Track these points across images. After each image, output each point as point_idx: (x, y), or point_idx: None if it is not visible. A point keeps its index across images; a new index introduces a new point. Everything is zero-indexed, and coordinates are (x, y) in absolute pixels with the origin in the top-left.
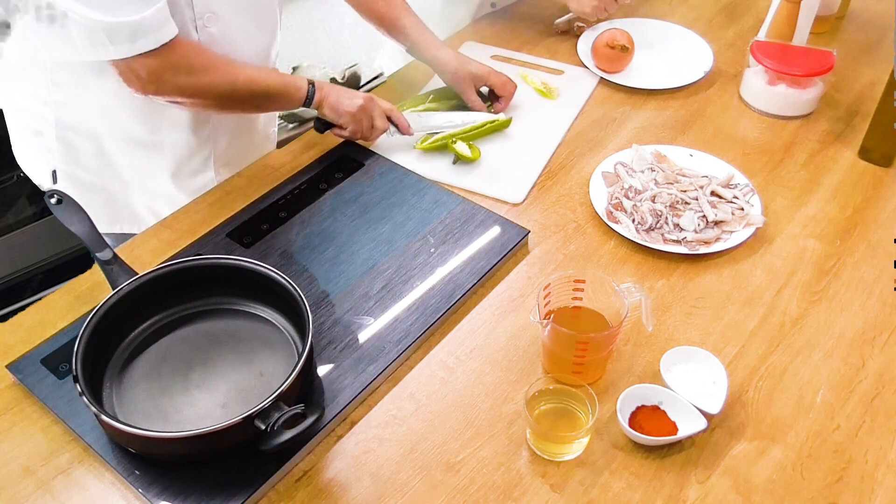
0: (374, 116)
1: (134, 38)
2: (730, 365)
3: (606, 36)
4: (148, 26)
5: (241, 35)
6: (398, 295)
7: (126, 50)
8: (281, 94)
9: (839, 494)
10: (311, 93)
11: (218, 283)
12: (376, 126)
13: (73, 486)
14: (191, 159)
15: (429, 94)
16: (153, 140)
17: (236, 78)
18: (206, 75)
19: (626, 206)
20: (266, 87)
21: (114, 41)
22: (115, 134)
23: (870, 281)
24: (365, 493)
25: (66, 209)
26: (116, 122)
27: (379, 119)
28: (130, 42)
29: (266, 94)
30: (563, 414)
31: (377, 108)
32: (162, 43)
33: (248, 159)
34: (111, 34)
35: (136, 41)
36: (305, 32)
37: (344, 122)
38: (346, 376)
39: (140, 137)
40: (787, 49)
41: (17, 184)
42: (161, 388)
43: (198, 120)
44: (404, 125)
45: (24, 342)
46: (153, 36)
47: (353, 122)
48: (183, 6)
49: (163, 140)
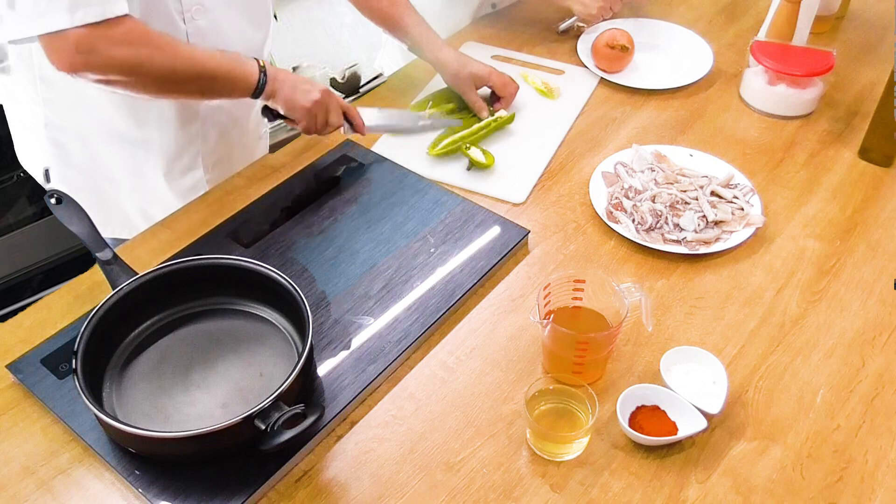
0: (329, 111)
1: (74, 7)
2: (730, 365)
3: (606, 36)
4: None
5: (232, 29)
6: (398, 295)
7: (65, 20)
8: (227, 78)
9: (839, 494)
10: (262, 82)
11: (218, 283)
12: (330, 122)
13: (73, 486)
14: (179, 157)
15: (428, 98)
16: (141, 137)
17: (176, 55)
18: (142, 49)
19: (626, 206)
20: (211, 70)
21: (52, 9)
22: (102, 131)
23: (870, 281)
24: (365, 493)
25: (66, 209)
26: (103, 118)
27: (334, 115)
28: (70, 12)
29: (211, 77)
30: (563, 414)
31: (333, 103)
32: (106, 17)
33: (238, 158)
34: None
35: (76, 11)
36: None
37: (297, 116)
38: (346, 376)
39: (127, 134)
40: (787, 49)
41: (17, 184)
42: (161, 388)
43: (185, 116)
44: (359, 123)
45: (24, 342)
46: (97, 9)
47: (307, 118)
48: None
49: (150, 136)
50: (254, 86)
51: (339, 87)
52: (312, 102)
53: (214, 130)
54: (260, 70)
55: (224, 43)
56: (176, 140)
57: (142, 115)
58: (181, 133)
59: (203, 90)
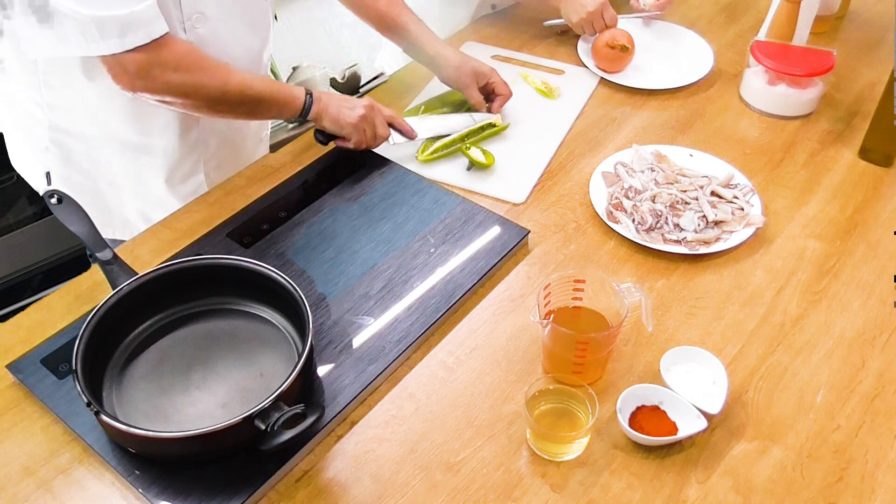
0: (376, 125)
1: (124, 32)
2: (730, 365)
3: (606, 36)
4: (137, 21)
5: (231, 37)
6: (398, 295)
7: (116, 45)
8: (274, 101)
9: (839, 494)
10: (309, 104)
11: (218, 283)
12: (379, 134)
13: (73, 486)
14: (181, 162)
15: (420, 106)
16: (144, 143)
17: (228, 80)
18: (196, 74)
19: (626, 206)
20: (258, 94)
21: (104, 36)
22: (106, 136)
23: (870, 281)
24: (365, 493)
25: (66, 209)
26: (107, 124)
27: (381, 127)
28: (120, 37)
29: (258, 101)
30: (563, 414)
31: (379, 116)
32: (152, 38)
33: (239, 163)
34: (101, 29)
35: (126, 36)
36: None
37: (346, 133)
38: (346, 376)
39: (131, 140)
40: (787, 49)
41: (17, 184)
42: (161, 388)
43: (186, 123)
44: (408, 130)
45: (24, 342)
46: (143, 31)
47: (356, 133)
48: (170, 6)
49: (153, 143)
50: (300, 108)
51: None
52: (358, 118)
53: (215, 136)
54: (306, 93)
55: (225, 50)
56: (178, 147)
57: (145, 122)
58: (183, 140)
59: (252, 112)
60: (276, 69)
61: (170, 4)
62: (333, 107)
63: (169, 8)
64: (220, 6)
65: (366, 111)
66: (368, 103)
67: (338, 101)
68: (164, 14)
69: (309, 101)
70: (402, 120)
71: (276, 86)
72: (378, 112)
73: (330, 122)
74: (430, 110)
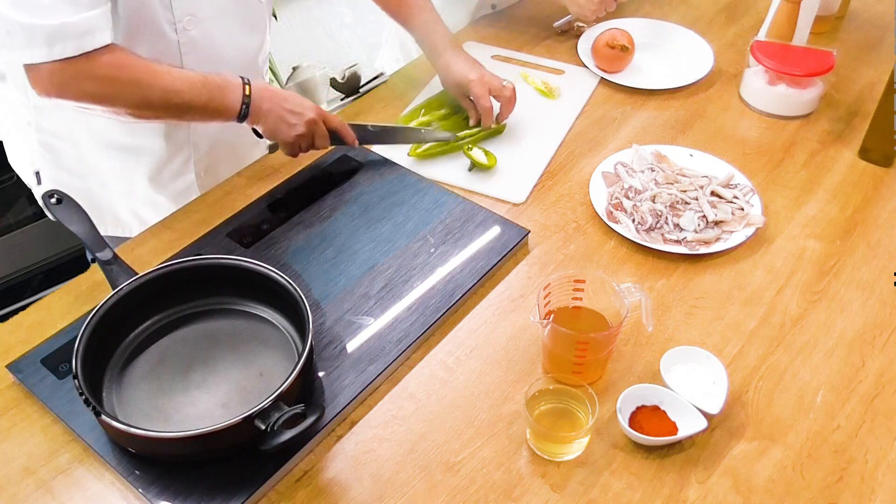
0: (314, 140)
1: (52, 42)
2: (730, 365)
3: (606, 36)
4: (71, 32)
5: (225, 38)
6: (398, 295)
7: (43, 54)
8: (206, 110)
9: (839, 494)
10: (244, 113)
11: (218, 283)
12: (315, 146)
13: (73, 486)
14: (169, 162)
15: (420, 107)
16: (130, 143)
17: (151, 90)
18: (115, 84)
19: (626, 206)
20: (187, 102)
21: (31, 44)
22: (92, 137)
23: (870, 281)
24: (365, 493)
25: (66, 209)
26: (93, 125)
27: (320, 140)
28: (48, 46)
29: (187, 109)
30: (563, 414)
31: (320, 130)
32: (83, 51)
33: (234, 163)
34: (29, 36)
35: (54, 46)
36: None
37: (280, 145)
38: (346, 376)
39: (117, 141)
40: (787, 49)
41: (17, 184)
42: (161, 388)
43: (172, 123)
44: (350, 139)
45: (24, 342)
46: (74, 43)
47: (289, 147)
48: (159, 8)
49: (139, 143)
50: (235, 116)
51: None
52: (294, 137)
53: (206, 139)
54: (242, 102)
55: (217, 52)
56: (165, 146)
57: (132, 122)
58: (170, 140)
59: (182, 117)
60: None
61: (157, 5)
62: (272, 120)
63: (157, 9)
64: (213, 8)
65: (305, 129)
66: (312, 118)
67: (278, 115)
68: (153, 16)
69: (245, 111)
70: (346, 130)
71: (210, 93)
72: (320, 126)
73: (266, 132)
74: (430, 111)
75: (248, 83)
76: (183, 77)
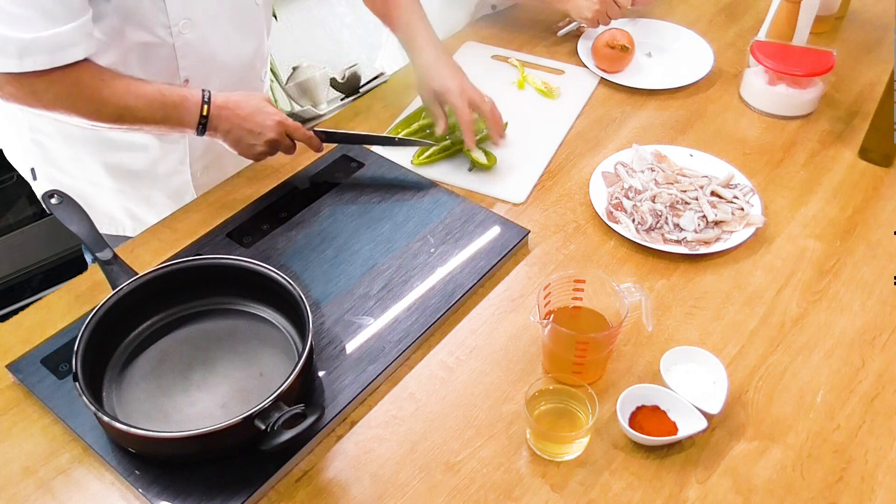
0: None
1: (23, 54)
2: (730, 365)
3: (606, 36)
4: (42, 46)
5: (221, 42)
6: (398, 295)
7: (14, 65)
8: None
9: (839, 494)
10: (201, 132)
11: (218, 283)
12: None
13: (73, 486)
14: (163, 160)
15: (421, 109)
16: (122, 140)
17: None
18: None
19: (626, 206)
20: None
21: (2, 53)
22: (85, 136)
23: (870, 281)
24: (365, 493)
25: (65, 209)
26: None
27: (284, 151)
28: (19, 58)
29: (141, 125)
30: (563, 414)
31: (283, 146)
32: (54, 66)
33: (232, 162)
34: (2, 46)
35: (25, 58)
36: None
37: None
38: (346, 376)
39: (108, 138)
40: (787, 49)
41: (17, 184)
42: (161, 388)
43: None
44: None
45: (24, 342)
46: (45, 56)
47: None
48: (154, 12)
49: (132, 142)
50: (193, 133)
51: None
52: (256, 154)
53: (202, 140)
54: (199, 122)
55: (213, 56)
56: (158, 146)
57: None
58: (164, 137)
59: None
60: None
61: (152, 10)
62: (231, 139)
63: (152, 13)
64: (209, 12)
65: (266, 147)
66: (272, 138)
67: (237, 135)
68: (148, 19)
69: (201, 131)
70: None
71: (166, 112)
72: (283, 141)
73: (229, 147)
74: (430, 114)
75: (207, 102)
76: (141, 94)
